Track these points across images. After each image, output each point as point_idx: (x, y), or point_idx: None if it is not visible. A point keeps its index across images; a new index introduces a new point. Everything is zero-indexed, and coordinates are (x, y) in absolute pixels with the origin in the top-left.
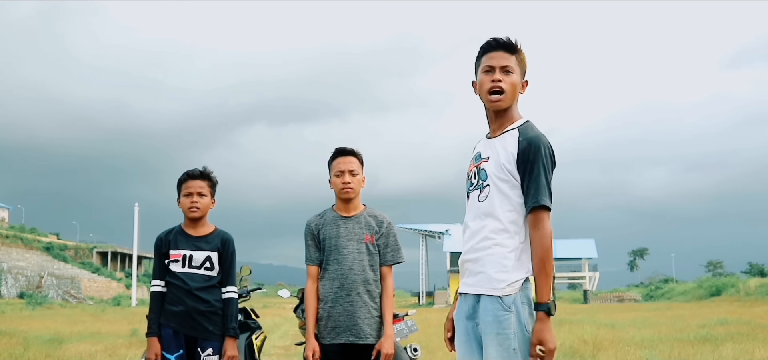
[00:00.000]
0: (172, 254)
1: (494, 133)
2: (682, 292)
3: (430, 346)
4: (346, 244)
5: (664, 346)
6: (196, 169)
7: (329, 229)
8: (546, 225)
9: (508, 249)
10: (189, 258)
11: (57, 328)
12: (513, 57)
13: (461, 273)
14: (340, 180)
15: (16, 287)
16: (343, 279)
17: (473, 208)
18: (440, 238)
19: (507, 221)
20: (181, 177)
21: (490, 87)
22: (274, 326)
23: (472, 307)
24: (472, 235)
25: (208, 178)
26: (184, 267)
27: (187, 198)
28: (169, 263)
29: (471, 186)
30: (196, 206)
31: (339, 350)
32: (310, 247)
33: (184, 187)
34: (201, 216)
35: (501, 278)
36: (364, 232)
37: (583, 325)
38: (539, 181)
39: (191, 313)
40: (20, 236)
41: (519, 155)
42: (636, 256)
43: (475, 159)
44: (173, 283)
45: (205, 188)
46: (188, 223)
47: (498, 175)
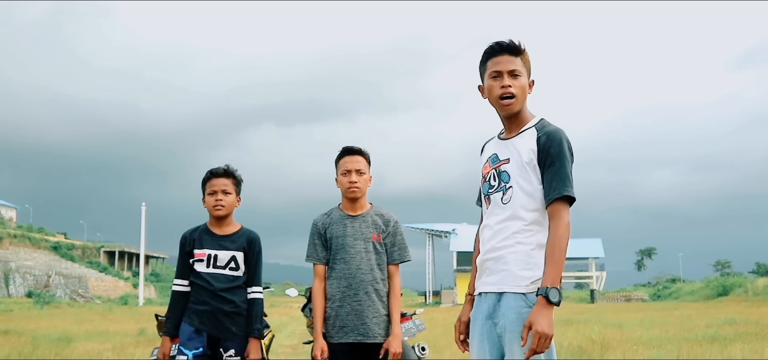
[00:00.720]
0: (197, 253)
1: (509, 134)
2: (690, 292)
3: (437, 345)
4: (353, 243)
5: (672, 346)
6: (220, 167)
7: (336, 228)
8: (564, 216)
9: (532, 246)
10: (214, 258)
11: (65, 327)
12: (518, 59)
13: (480, 272)
14: (346, 179)
15: (25, 286)
16: (351, 278)
17: (496, 210)
18: (447, 237)
19: (531, 220)
20: (205, 176)
21: (500, 93)
22: (281, 325)
23: (492, 305)
24: (494, 235)
25: (232, 176)
26: (208, 267)
27: (212, 196)
28: (194, 263)
29: (491, 188)
30: (220, 204)
31: (347, 349)
32: (318, 246)
33: (208, 186)
34: (226, 214)
35: (525, 275)
36: (371, 231)
37: (590, 325)
38: (561, 172)
39: (215, 313)
40: (28, 236)
41: (539, 151)
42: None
43: (492, 161)
44: (197, 284)
45: (229, 186)
46: (213, 221)
47: (521, 175)
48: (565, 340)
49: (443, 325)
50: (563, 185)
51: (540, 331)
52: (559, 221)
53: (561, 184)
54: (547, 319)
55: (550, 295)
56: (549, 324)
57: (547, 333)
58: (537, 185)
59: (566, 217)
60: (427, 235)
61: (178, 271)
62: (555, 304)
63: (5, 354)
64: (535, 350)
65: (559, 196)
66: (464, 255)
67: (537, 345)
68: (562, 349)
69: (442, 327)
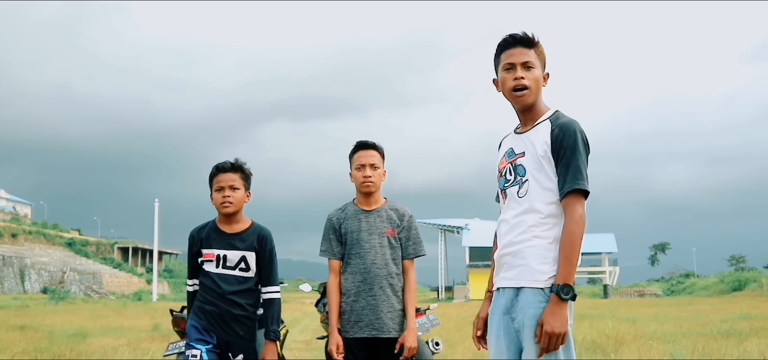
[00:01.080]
0: (205, 253)
1: (525, 128)
2: (704, 287)
3: (450, 340)
4: (368, 238)
5: (687, 341)
6: (227, 162)
7: (351, 223)
8: (577, 209)
9: (549, 240)
10: (223, 258)
11: (80, 322)
12: (532, 51)
13: (498, 267)
14: (361, 173)
15: (40, 282)
16: (366, 273)
17: (512, 204)
18: (459, 232)
19: (547, 213)
20: (211, 171)
21: (513, 85)
22: (294, 321)
23: (510, 301)
24: (511, 229)
25: (240, 170)
26: (217, 267)
27: (219, 193)
28: (203, 263)
29: (507, 182)
30: (228, 201)
31: (362, 344)
32: (332, 241)
33: (215, 182)
34: (235, 211)
35: (544, 270)
36: (386, 225)
37: (604, 320)
38: (574, 165)
39: (223, 315)
40: (43, 232)
41: (553, 143)
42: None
43: (508, 155)
44: (205, 284)
45: (237, 181)
46: (222, 218)
47: (537, 168)
48: (578, 335)
49: (456, 321)
50: (576, 178)
51: (550, 330)
52: (572, 215)
53: (573, 178)
54: (560, 317)
55: (563, 292)
56: (561, 322)
57: (558, 331)
58: (553, 178)
59: (580, 210)
60: (440, 231)
61: (189, 271)
62: (568, 301)
63: (22, 349)
64: (546, 349)
65: (572, 190)
66: (476, 250)
67: (548, 344)
68: (576, 344)
69: (454, 322)
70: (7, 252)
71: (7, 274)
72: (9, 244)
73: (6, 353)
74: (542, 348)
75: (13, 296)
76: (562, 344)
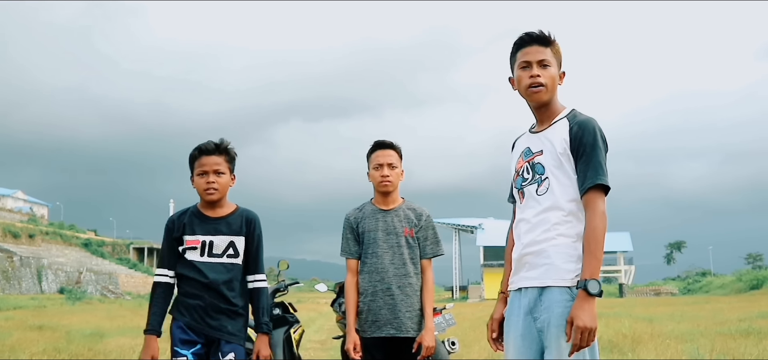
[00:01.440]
0: (188, 240)
1: (541, 127)
2: (721, 286)
3: (465, 340)
4: (386, 238)
5: (705, 339)
6: (211, 142)
7: (368, 223)
8: (599, 205)
9: (573, 238)
10: (209, 245)
11: (97, 322)
12: (548, 49)
13: (517, 267)
14: (378, 173)
15: (57, 282)
16: (384, 272)
17: (531, 203)
18: (473, 232)
19: (569, 210)
20: (192, 153)
21: (529, 83)
22: (309, 321)
23: (533, 300)
24: (532, 228)
25: (225, 152)
26: (203, 255)
27: (202, 178)
28: (185, 251)
29: (524, 181)
30: (213, 187)
31: (380, 344)
32: (349, 241)
33: (197, 165)
34: (219, 198)
35: (569, 268)
36: (403, 225)
37: (620, 319)
38: (594, 161)
39: (209, 309)
40: (59, 233)
41: (572, 140)
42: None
43: (525, 154)
44: (188, 276)
45: (222, 164)
46: (205, 204)
47: (556, 166)
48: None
49: (471, 320)
50: (597, 174)
51: (581, 325)
52: (594, 211)
53: (595, 173)
54: (589, 312)
55: (590, 287)
56: (591, 317)
57: (590, 326)
58: (572, 175)
59: (601, 206)
60: (454, 230)
61: (163, 260)
62: (595, 296)
63: (41, 348)
64: (578, 346)
65: (593, 185)
66: (491, 250)
67: (580, 339)
68: None
69: (469, 322)
70: (25, 252)
71: (24, 274)
72: (26, 245)
73: (25, 353)
74: (575, 344)
75: (30, 296)
76: (593, 340)
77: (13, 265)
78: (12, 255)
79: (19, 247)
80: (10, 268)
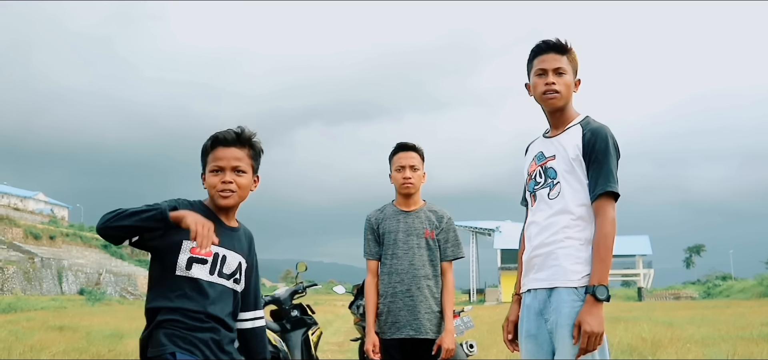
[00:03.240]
0: (194, 247)
1: (555, 132)
2: (742, 290)
3: (483, 343)
4: (407, 239)
5: (726, 344)
6: (231, 131)
7: (389, 224)
8: (609, 212)
9: (581, 241)
10: (222, 260)
11: (117, 323)
12: (564, 58)
13: (528, 269)
14: (400, 175)
15: (77, 284)
16: (404, 274)
17: (542, 206)
18: (491, 235)
19: (579, 214)
20: (206, 143)
21: (544, 90)
22: (327, 323)
23: (543, 302)
24: (542, 230)
25: (248, 145)
26: (213, 273)
27: (216, 175)
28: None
29: (536, 185)
30: (229, 188)
31: (399, 345)
32: (370, 242)
33: (211, 159)
34: (237, 203)
35: (577, 270)
36: (425, 227)
37: (639, 323)
38: (605, 168)
39: (223, 344)
40: (79, 235)
41: (584, 147)
42: (692, 253)
43: (538, 159)
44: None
45: (244, 160)
46: (217, 209)
47: (568, 171)
48: (614, 338)
49: (488, 323)
50: (607, 181)
51: (589, 330)
52: (604, 217)
53: (606, 180)
54: (597, 317)
55: (598, 292)
56: (599, 322)
57: (597, 331)
58: (584, 181)
59: (611, 212)
60: (471, 233)
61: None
62: (603, 301)
63: (62, 349)
64: (585, 349)
65: (603, 192)
66: (508, 252)
67: (587, 344)
68: (613, 347)
69: (487, 325)
70: (46, 254)
71: (45, 275)
72: (47, 246)
73: (46, 353)
74: (581, 348)
75: (51, 297)
76: (600, 344)
77: (35, 267)
78: (33, 256)
79: (40, 248)
80: (31, 270)
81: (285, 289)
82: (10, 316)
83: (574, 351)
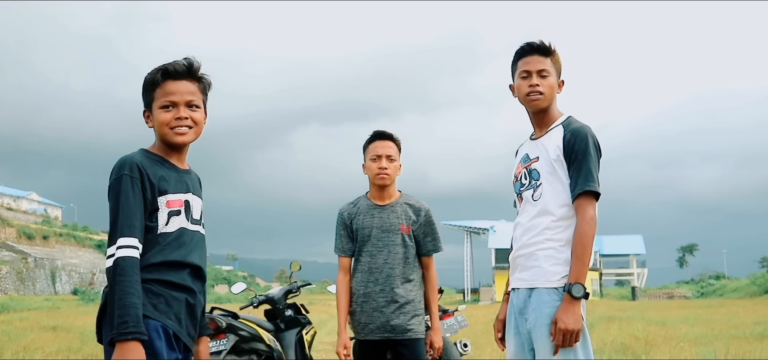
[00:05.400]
0: (171, 201)
1: (539, 134)
2: (735, 289)
3: (477, 343)
4: (382, 236)
5: (720, 343)
6: (181, 63)
7: (363, 220)
8: (588, 211)
9: (561, 242)
10: (190, 207)
11: None
12: (548, 59)
13: (512, 269)
14: (375, 165)
15: (70, 284)
16: (378, 273)
17: (527, 207)
18: (485, 234)
19: (560, 215)
20: (153, 77)
21: (528, 91)
22: (321, 323)
23: (523, 301)
24: (525, 232)
25: (199, 79)
26: (188, 221)
27: (168, 111)
28: (168, 215)
29: (522, 186)
30: (186, 124)
31: (374, 346)
32: (343, 238)
33: (159, 94)
34: (193, 140)
35: (556, 270)
36: (401, 221)
37: (633, 322)
38: (585, 168)
39: (196, 306)
40: (73, 234)
41: (565, 147)
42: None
43: (523, 160)
44: (168, 252)
45: (197, 95)
46: (166, 149)
47: (550, 172)
48: (608, 337)
49: (483, 323)
50: (588, 180)
51: (563, 327)
52: (583, 216)
53: (585, 180)
54: (573, 314)
55: (574, 290)
56: (574, 320)
57: (572, 328)
58: (565, 181)
59: (591, 211)
60: (465, 232)
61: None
62: (580, 299)
63: (55, 349)
64: (561, 345)
65: (583, 191)
66: (502, 252)
67: (562, 341)
68: (606, 345)
69: (481, 324)
70: (39, 254)
71: (38, 275)
72: (40, 246)
73: (39, 353)
74: (557, 345)
75: (44, 297)
76: (577, 341)
77: (28, 267)
78: (26, 256)
79: (33, 248)
80: (24, 270)
81: (279, 288)
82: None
83: (553, 349)
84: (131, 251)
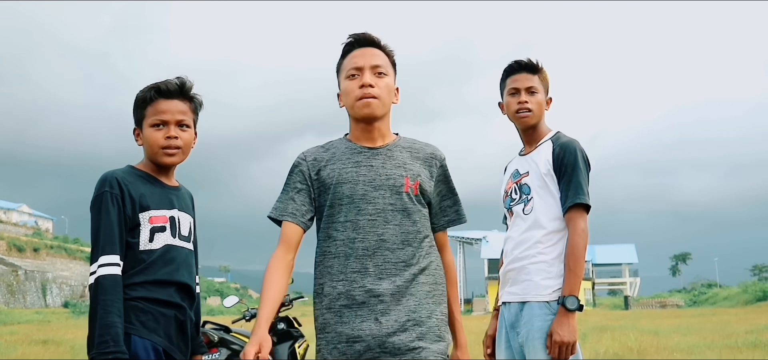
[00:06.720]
0: (153, 217)
1: (528, 149)
2: (727, 298)
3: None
4: (372, 194)
5: (712, 352)
6: (172, 82)
7: (340, 168)
8: (579, 223)
9: (553, 256)
10: (177, 223)
11: None
12: (536, 77)
13: (503, 283)
14: (355, 83)
15: (61, 296)
16: (367, 257)
17: (518, 222)
18: (478, 244)
19: (551, 228)
20: (145, 94)
21: (517, 108)
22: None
23: (515, 315)
24: (517, 245)
25: (190, 99)
26: (174, 238)
27: (159, 130)
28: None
29: (512, 201)
30: (176, 145)
31: None
32: (296, 192)
33: (151, 112)
34: (181, 161)
35: (548, 284)
36: (402, 173)
37: (626, 332)
38: (574, 181)
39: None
40: (64, 246)
41: (554, 161)
42: (678, 261)
43: (513, 176)
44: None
45: (188, 115)
46: (155, 168)
47: (540, 186)
48: (601, 347)
49: (476, 333)
50: (578, 193)
51: (559, 339)
52: (574, 229)
53: (575, 193)
54: (567, 327)
55: (568, 303)
56: (570, 332)
57: (567, 340)
58: (556, 195)
59: (582, 224)
60: (458, 243)
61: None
62: (574, 311)
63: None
64: (557, 358)
65: (574, 204)
66: (495, 262)
67: (558, 353)
68: (599, 356)
69: (474, 335)
70: (29, 266)
71: (29, 288)
72: (31, 259)
73: None
74: (553, 358)
75: (35, 310)
76: (572, 353)
77: (18, 279)
78: (17, 269)
79: (23, 260)
80: (14, 282)
81: None
82: None
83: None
84: (113, 269)
